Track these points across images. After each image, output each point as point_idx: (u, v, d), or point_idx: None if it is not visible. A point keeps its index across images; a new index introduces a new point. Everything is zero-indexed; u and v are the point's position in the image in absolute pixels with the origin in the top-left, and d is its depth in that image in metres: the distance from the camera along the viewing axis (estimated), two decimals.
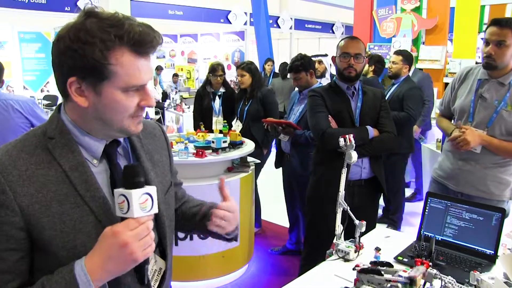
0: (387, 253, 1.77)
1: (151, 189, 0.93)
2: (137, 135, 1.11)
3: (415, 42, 5.81)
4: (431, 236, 1.81)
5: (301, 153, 3.31)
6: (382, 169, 2.57)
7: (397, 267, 1.55)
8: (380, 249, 1.77)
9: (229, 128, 3.94)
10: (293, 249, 3.79)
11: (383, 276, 1.38)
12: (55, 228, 0.92)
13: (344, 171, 1.90)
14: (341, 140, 1.92)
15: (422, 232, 1.91)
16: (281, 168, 3.62)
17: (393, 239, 2.00)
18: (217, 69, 4.34)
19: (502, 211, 1.76)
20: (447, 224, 1.86)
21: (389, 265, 1.45)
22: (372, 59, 4.59)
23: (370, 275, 1.42)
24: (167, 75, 11.66)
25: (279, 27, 11.32)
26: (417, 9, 5.81)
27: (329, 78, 5.11)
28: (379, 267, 1.42)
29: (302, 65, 3.34)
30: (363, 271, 1.44)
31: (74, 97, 0.93)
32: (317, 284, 1.64)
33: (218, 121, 4.03)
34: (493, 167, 2.26)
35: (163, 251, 1.11)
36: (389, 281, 1.36)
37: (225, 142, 3.26)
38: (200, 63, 12.97)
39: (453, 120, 2.50)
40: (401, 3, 5.87)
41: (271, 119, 3.49)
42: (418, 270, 1.36)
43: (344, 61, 2.45)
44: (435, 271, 1.48)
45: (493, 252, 1.75)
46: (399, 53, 4.16)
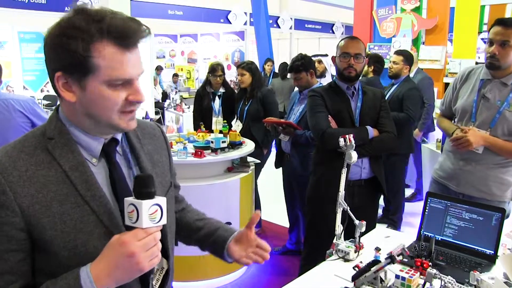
0: (387, 253, 1.76)
1: (161, 200, 0.92)
2: (136, 136, 1.11)
3: (415, 42, 5.80)
4: (431, 236, 1.81)
5: (301, 153, 3.31)
6: (382, 169, 2.57)
7: (396, 267, 1.56)
8: (380, 249, 1.77)
9: (229, 128, 3.95)
10: (293, 249, 3.79)
11: (370, 270, 1.43)
12: (56, 228, 0.92)
13: (344, 171, 1.90)
14: (341, 140, 1.92)
15: (422, 232, 1.91)
16: (281, 168, 3.62)
17: (393, 239, 2.00)
18: (216, 69, 4.34)
19: (502, 211, 1.76)
20: (447, 224, 1.86)
21: (377, 262, 1.48)
22: (371, 59, 4.57)
23: (362, 277, 1.45)
24: (167, 75, 11.66)
25: (279, 27, 11.31)
26: (417, 9, 5.80)
27: (330, 78, 5.11)
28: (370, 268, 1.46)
29: (302, 65, 3.34)
30: (355, 277, 1.48)
31: (61, 92, 0.94)
32: (317, 284, 1.64)
33: (218, 121, 4.03)
34: (494, 167, 2.25)
35: (165, 251, 1.11)
36: (377, 271, 1.43)
37: (224, 142, 3.26)
38: (200, 63, 12.97)
39: (454, 120, 2.49)
40: (401, 3, 5.86)
41: (271, 119, 3.49)
42: (397, 248, 1.41)
43: (344, 61, 2.45)
44: (435, 271, 1.48)
45: (493, 252, 1.75)
46: (400, 53, 4.13)
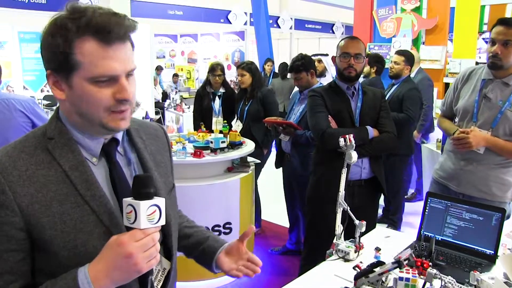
0: (387, 253, 1.77)
1: (160, 201, 0.91)
2: (139, 136, 1.11)
3: (415, 42, 5.80)
4: (431, 236, 1.81)
5: (301, 153, 3.31)
6: (382, 169, 2.57)
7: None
8: (380, 249, 1.77)
9: (229, 128, 3.95)
10: (293, 249, 3.79)
11: (375, 271, 1.42)
12: (56, 228, 0.92)
13: (344, 171, 1.90)
14: (341, 140, 1.92)
15: (422, 232, 1.91)
16: (281, 168, 3.62)
17: (393, 239, 2.00)
18: (216, 69, 4.34)
19: (502, 211, 1.76)
20: (447, 224, 1.86)
21: (381, 263, 1.47)
22: (372, 59, 4.56)
23: (363, 278, 1.45)
24: (167, 75, 11.66)
25: (279, 27, 11.32)
26: (417, 9, 5.80)
27: (331, 77, 5.10)
28: (373, 268, 1.44)
29: (302, 65, 3.34)
30: (357, 277, 1.48)
31: (53, 90, 0.95)
32: (317, 284, 1.64)
33: (218, 121, 4.03)
34: (495, 167, 2.25)
35: (168, 251, 1.11)
36: (381, 273, 1.41)
37: (223, 142, 3.26)
38: (200, 63, 12.97)
39: (455, 120, 2.49)
40: (401, 3, 5.86)
41: (271, 119, 3.49)
42: (405, 252, 1.40)
43: (344, 61, 2.45)
44: (435, 271, 1.48)
45: (493, 252, 1.75)
46: (401, 54, 4.08)
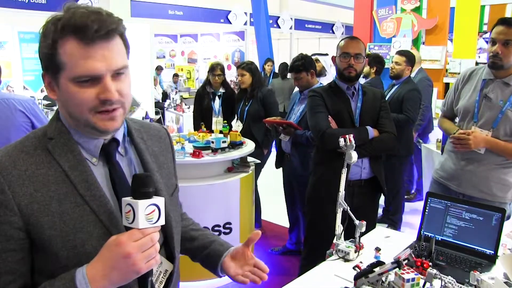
0: (387, 253, 1.76)
1: (159, 200, 0.90)
2: (141, 137, 1.10)
3: (415, 42, 5.80)
4: (431, 236, 1.81)
5: (301, 153, 3.31)
6: (382, 170, 2.57)
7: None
8: (380, 249, 1.77)
9: (229, 129, 3.94)
10: (293, 249, 3.79)
11: (375, 271, 1.42)
12: (55, 227, 0.92)
13: (344, 171, 1.90)
14: (341, 140, 1.92)
15: (422, 232, 1.91)
16: (281, 168, 3.62)
17: (393, 239, 2.00)
18: (215, 69, 4.34)
19: (502, 211, 1.76)
20: (447, 224, 1.86)
21: (381, 263, 1.47)
22: (372, 59, 4.54)
23: (363, 278, 1.45)
24: (167, 75, 11.66)
25: (279, 27, 11.32)
26: (417, 9, 5.80)
27: (331, 77, 5.10)
28: (373, 268, 1.45)
29: (302, 65, 3.34)
30: (357, 277, 1.48)
31: (47, 90, 0.97)
32: (317, 284, 1.63)
33: (218, 121, 4.03)
34: (496, 168, 2.25)
35: (170, 253, 1.10)
36: (381, 273, 1.41)
37: (224, 142, 3.26)
38: (200, 63, 12.98)
39: (456, 121, 2.49)
40: (401, 3, 5.86)
41: (271, 119, 3.49)
42: (404, 252, 1.40)
43: (344, 61, 2.45)
44: (435, 271, 1.48)
45: (493, 252, 1.75)
46: (402, 54, 4.05)
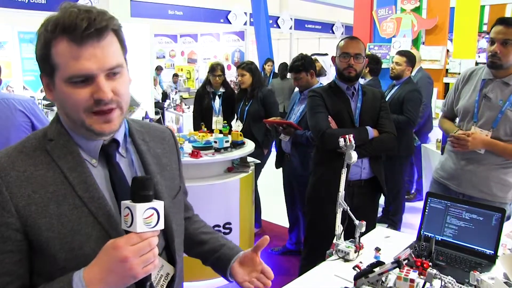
0: (387, 253, 1.77)
1: (158, 204, 0.88)
2: (142, 138, 1.09)
3: (415, 42, 5.80)
4: (431, 236, 1.81)
5: (301, 153, 3.31)
6: (382, 170, 2.57)
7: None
8: (380, 249, 1.77)
9: (229, 129, 3.95)
10: (293, 249, 3.79)
11: (374, 271, 1.42)
12: (53, 229, 0.91)
13: (344, 171, 1.90)
14: (341, 140, 1.92)
15: (422, 232, 1.91)
16: (281, 168, 3.62)
17: (393, 239, 2.00)
18: (215, 69, 4.35)
19: (502, 211, 1.76)
20: (447, 224, 1.86)
21: (381, 263, 1.47)
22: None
23: (363, 278, 1.45)
24: (167, 75, 11.67)
25: (279, 27, 11.31)
26: (417, 9, 5.80)
27: (331, 77, 5.09)
28: (373, 268, 1.45)
29: (302, 65, 3.35)
30: (357, 277, 1.48)
31: (45, 91, 0.97)
32: (317, 284, 1.63)
33: (218, 121, 4.03)
34: (496, 168, 2.25)
35: (171, 256, 1.09)
36: (381, 273, 1.41)
37: (227, 142, 3.28)
38: (200, 63, 12.98)
39: (456, 121, 2.49)
40: (401, 3, 5.86)
41: (272, 119, 3.49)
42: (404, 252, 1.40)
43: (344, 61, 2.45)
44: (435, 271, 1.48)
45: (493, 252, 1.75)
46: (403, 54, 4.03)
